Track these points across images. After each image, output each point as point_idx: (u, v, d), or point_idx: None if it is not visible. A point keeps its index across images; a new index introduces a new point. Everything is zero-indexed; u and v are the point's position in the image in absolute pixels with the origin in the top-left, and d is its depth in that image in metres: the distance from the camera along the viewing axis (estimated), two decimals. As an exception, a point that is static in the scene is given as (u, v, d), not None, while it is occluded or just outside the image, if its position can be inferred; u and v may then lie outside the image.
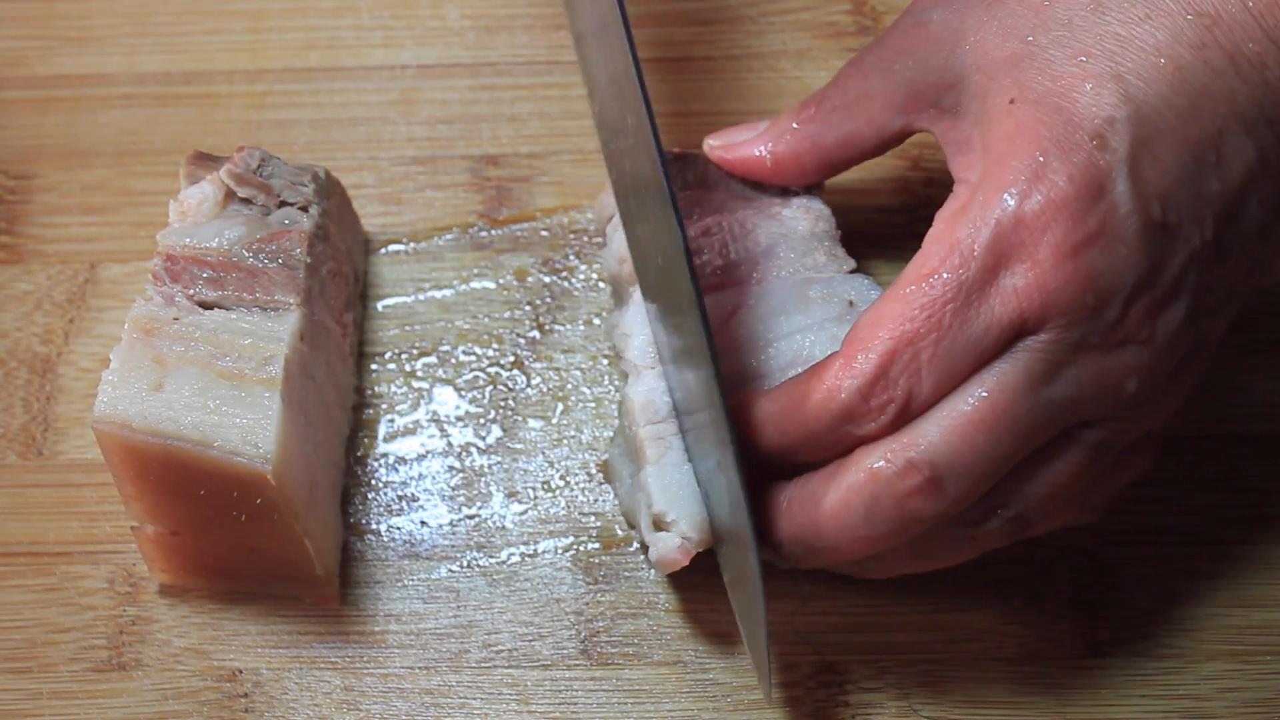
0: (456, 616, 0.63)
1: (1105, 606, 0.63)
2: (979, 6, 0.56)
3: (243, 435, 0.57)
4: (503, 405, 0.68)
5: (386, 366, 0.69)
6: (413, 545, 0.65)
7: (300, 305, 0.60)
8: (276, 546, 0.60)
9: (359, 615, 0.64)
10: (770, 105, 0.75)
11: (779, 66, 0.76)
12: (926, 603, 0.63)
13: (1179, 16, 0.52)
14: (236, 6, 0.78)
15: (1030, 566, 0.64)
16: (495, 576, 0.64)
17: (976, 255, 0.52)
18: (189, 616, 0.64)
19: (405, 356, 0.69)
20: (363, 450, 0.67)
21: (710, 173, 0.65)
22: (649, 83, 0.75)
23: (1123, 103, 0.51)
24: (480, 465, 0.67)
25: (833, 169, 0.63)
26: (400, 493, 0.66)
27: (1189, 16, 0.52)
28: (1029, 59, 0.54)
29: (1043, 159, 0.51)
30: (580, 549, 0.65)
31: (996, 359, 0.52)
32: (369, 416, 0.68)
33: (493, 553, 0.65)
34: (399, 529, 0.65)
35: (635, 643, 0.63)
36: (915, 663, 0.62)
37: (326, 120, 0.75)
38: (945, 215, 0.53)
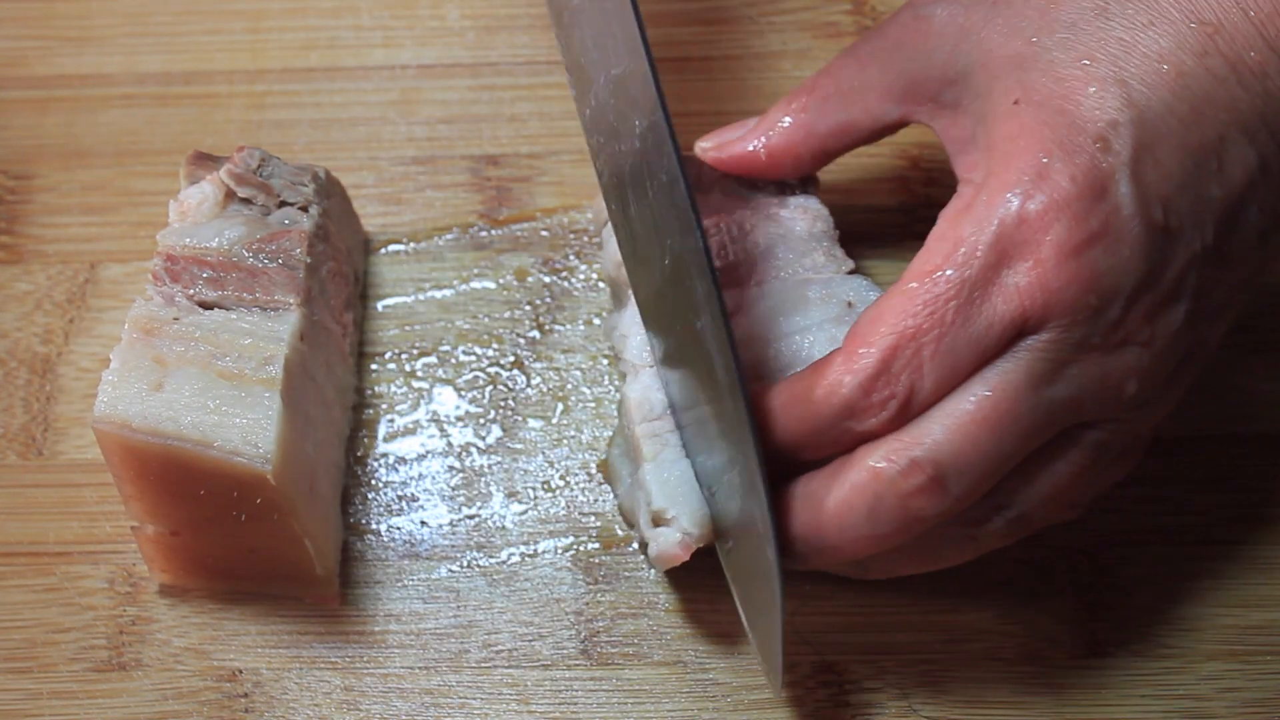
0: (456, 616, 0.63)
1: (1105, 606, 0.63)
2: (984, 4, 0.56)
3: (243, 435, 0.57)
4: (503, 405, 0.68)
5: (386, 366, 0.69)
6: (413, 545, 0.65)
7: (300, 305, 0.60)
8: (276, 546, 0.60)
9: (359, 615, 0.64)
10: (770, 105, 0.74)
11: (779, 66, 0.76)
12: (926, 603, 0.63)
13: (1182, 24, 0.52)
14: (236, 6, 0.78)
15: (1030, 566, 0.64)
16: (495, 576, 0.64)
17: (980, 253, 0.52)
18: (189, 616, 0.64)
19: (405, 356, 0.69)
20: (363, 450, 0.67)
21: (705, 174, 0.65)
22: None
23: (1126, 107, 0.52)
24: (480, 465, 0.67)
25: (827, 157, 0.63)
26: (400, 493, 0.66)
27: (1192, 24, 0.52)
28: (1033, 60, 0.54)
29: (1046, 160, 0.51)
30: (580, 549, 0.65)
31: (998, 358, 0.52)
32: (369, 416, 0.68)
33: (493, 553, 0.65)
34: (399, 529, 0.65)
35: (635, 643, 0.63)
36: (915, 663, 0.62)
37: (326, 120, 0.75)
38: (949, 214, 0.54)
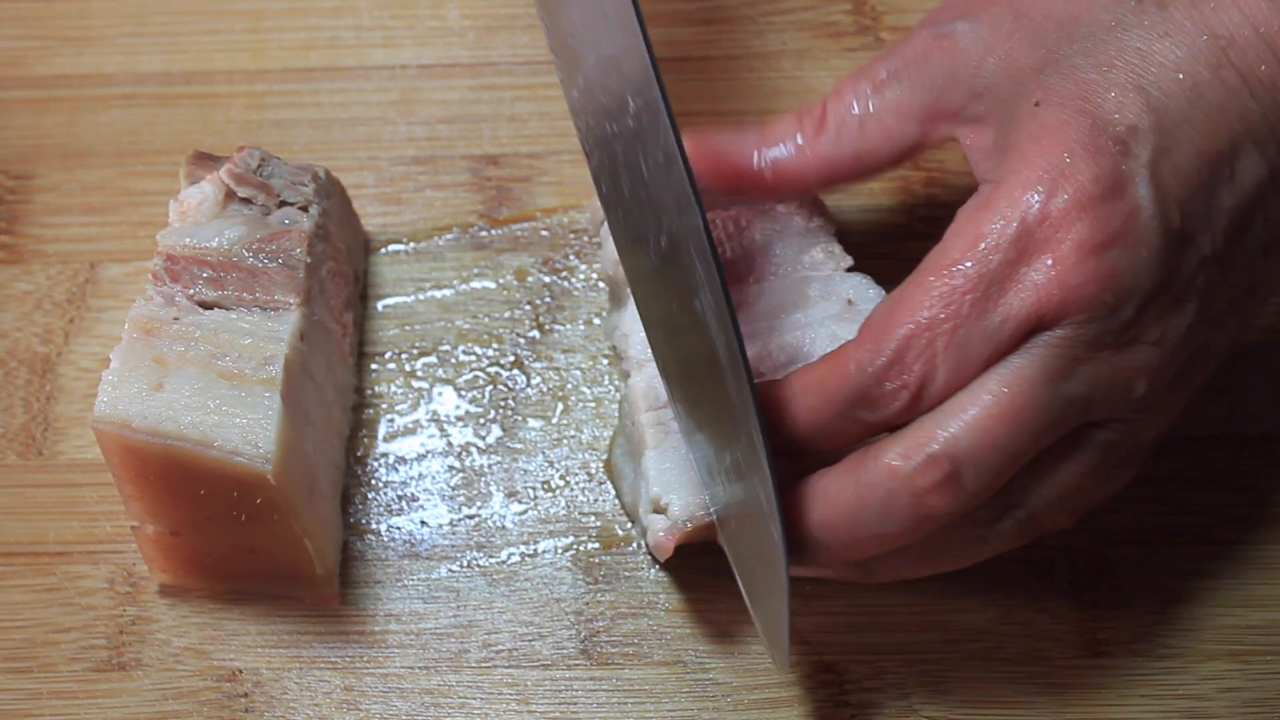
0: (456, 616, 0.63)
1: (1105, 606, 0.63)
2: (1006, 20, 0.57)
3: (243, 435, 0.57)
4: (503, 405, 0.68)
5: (386, 366, 0.69)
6: (413, 545, 0.65)
7: (300, 305, 0.60)
8: (276, 546, 0.60)
9: (359, 615, 0.64)
10: (770, 105, 0.75)
11: (779, 66, 0.76)
12: (926, 603, 0.63)
13: (1196, 36, 0.54)
14: (236, 6, 0.78)
15: (1030, 566, 0.64)
16: (495, 576, 0.64)
17: (1000, 248, 0.52)
18: (189, 616, 0.64)
19: (405, 356, 0.69)
20: (363, 450, 0.67)
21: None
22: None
23: (1146, 112, 0.53)
24: (480, 465, 0.67)
25: (833, 185, 0.62)
26: (400, 493, 0.66)
27: (1205, 37, 0.54)
28: (1054, 65, 0.55)
29: (1069, 159, 0.52)
30: (580, 549, 0.65)
31: (1011, 353, 0.52)
32: (369, 416, 0.68)
33: (493, 553, 0.65)
34: (399, 529, 0.65)
35: (635, 643, 0.63)
36: (915, 663, 0.62)
37: (326, 120, 0.75)
38: (969, 209, 0.54)
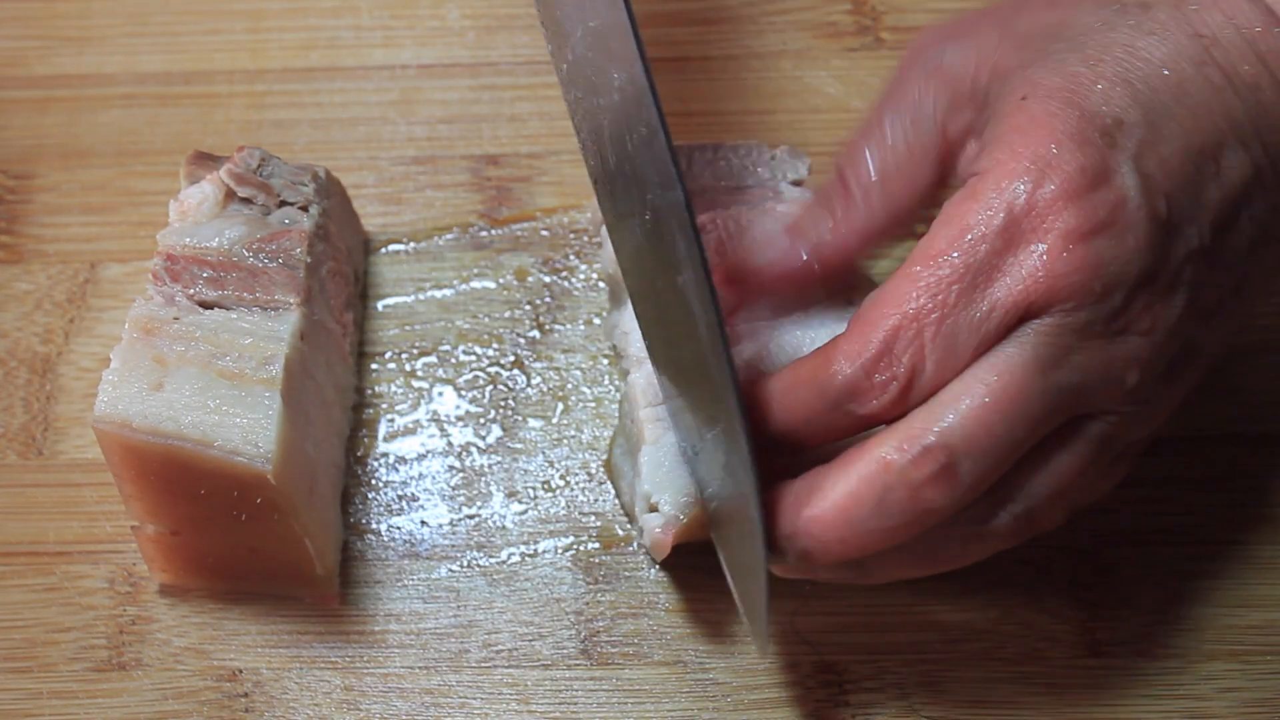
0: (456, 616, 0.63)
1: (1105, 606, 0.63)
2: (993, 34, 0.58)
3: (243, 435, 0.57)
4: (503, 405, 0.68)
5: (386, 366, 0.69)
6: (413, 545, 0.65)
7: (300, 305, 0.60)
8: (276, 546, 0.60)
9: (359, 615, 0.64)
10: (770, 105, 0.75)
11: (779, 66, 0.76)
12: (926, 603, 0.63)
13: (1179, 35, 0.54)
14: (236, 6, 0.78)
15: (1030, 566, 0.64)
16: (495, 576, 0.64)
17: (987, 238, 0.52)
18: (189, 616, 0.64)
19: (405, 356, 0.69)
20: (363, 450, 0.67)
21: (696, 165, 0.65)
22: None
23: (1132, 105, 0.53)
24: (480, 465, 0.67)
25: (879, 247, 0.61)
26: (400, 493, 0.66)
27: (1189, 36, 0.54)
28: (1040, 61, 0.55)
29: (1056, 149, 0.53)
30: (580, 549, 0.65)
31: (1000, 342, 0.53)
32: (369, 416, 0.68)
33: (493, 553, 0.65)
34: (399, 529, 0.65)
35: (635, 643, 0.63)
36: (915, 663, 0.62)
37: (326, 120, 0.75)
38: (955, 201, 0.54)
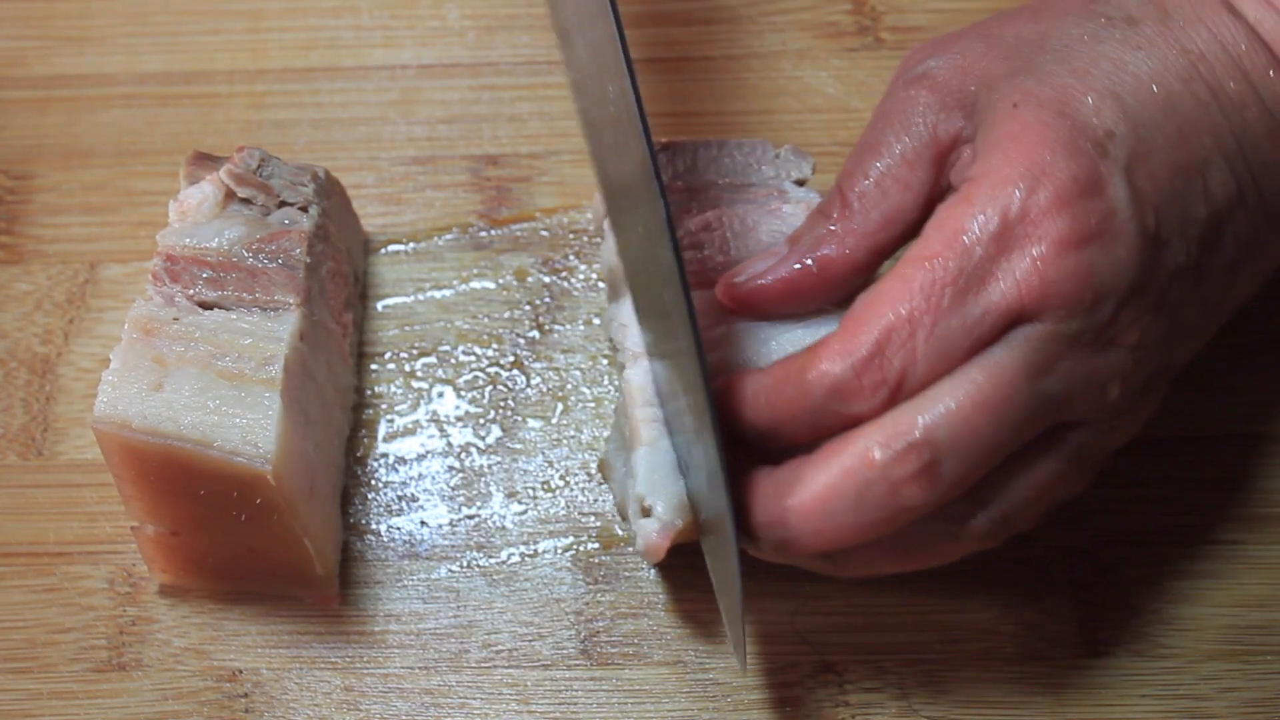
0: (456, 616, 0.63)
1: (1105, 606, 0.63)
2: (977, 44, 0.58)
3: (243, 435, 0.57)
4: (503, 405, 0.68)
5: (386, 366, 0.69)
6: (413, 545, 0.65)
7: (300, 305, 0.60)
8: (276, 546, 0.60)
9: (359, 615, 0.64)
10: (770, 105, 0.75)
11: (779, 66, 0.76)
12: (926, 602, 0.63)
13: (1166, 50, 0.55)
14: (236, 6, 0.78)
15: (1030, 566, 0.64)
16: (495, 576, 0.64)
17: (981, 242, 0.53)
18: (189, 616, 0.64)
19: (405, 356, 0.69)
20: (363, 450, 0.67)
21: (700, 161, 0.65)
22: (648, 82, 0.76)
23: (1122, 119, 0.53)
24: (480, 465, 0.67)
25: (880, 256, 0.60)
26: (400, 493, 0.66)
27: (1175, 52, 0.55)
28: (1029, 71, 0.55)
29: (1049, 158, 0.53)
30: (580, 549, 0.65)
31: (990, 346, 0.53)
32: (369, 416, 0.68)
33: (493, 553, 0.65)
34: (399, 529, 0.65)
35: (635, 643, 0.63)
36: (915, 663, 0.62)
37: (326, 120, 0.75)
38: (948, 205, 0.54)
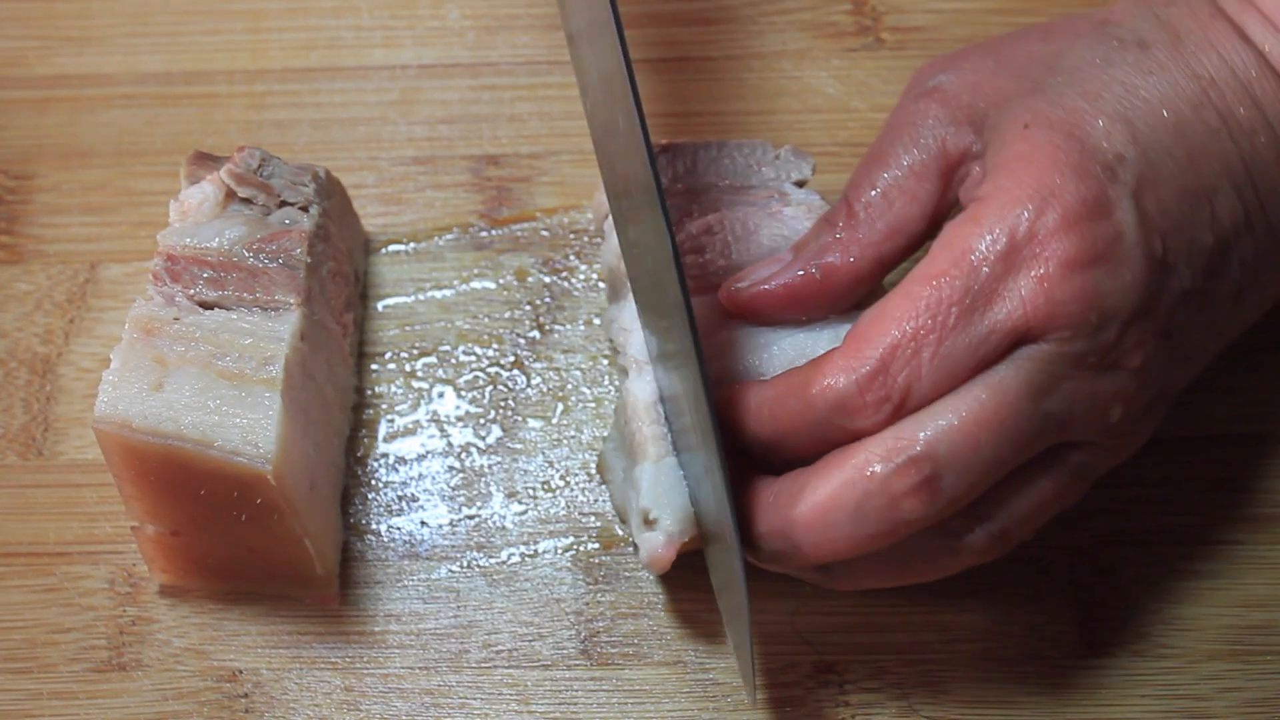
0: (456, 616, 0.63)
1: (1105, 606, 0.63)
2: (987, 61, 0.58)
3: (243, 435, 0.57)
4: (503, 405, 0.68)
5: (386, 366, 0.69)
6: (413, 545, 0.65)
7: (300, 305, 0.60)
8: (276, 546, 0.60)
9: (359, 615, 0.64)
10: (770, 105, 0.75)
11: (779, 66, 0.76)
12: (926, 603, 0.63)
13: (1178, 75, 0.55)
14: (236, 6, 0.78)
15: (1030, 566, 0.64)
16: (495, 576, 0.64)
17: (988, 262, 0.53)
18: (189, 616, 0.64)
19: (405, 356, 0.69)
20: (363, 450, 0.67)
21: (700, 163, 0.65)
22: (648, 83, 0.76)
23: (1132, 144, 0.54)
24: (480, 465, 0.67)
25: (884, 268, 0.60)
26: (400, 493, 0.66)
27: (1187, 77, 0.55)
28: (1040, 92, 0.56)
29: (1059, 180, 0.53)
30: (580, 549, 0.65)
31: (995, 364, 0.53)
32: (369, 416, 0.68)
33: (493, 553, 0.65)
34: (399, 529, 0.65)
35: (635, 643, 0.63)
36: (915, 663, 0.62)
37: (326, 120, 0.75)
38: (956, 224, 0.55)
